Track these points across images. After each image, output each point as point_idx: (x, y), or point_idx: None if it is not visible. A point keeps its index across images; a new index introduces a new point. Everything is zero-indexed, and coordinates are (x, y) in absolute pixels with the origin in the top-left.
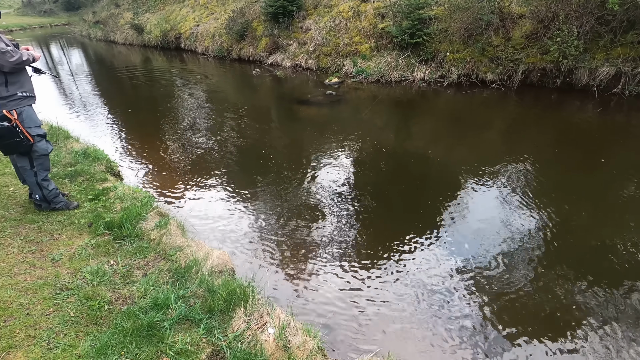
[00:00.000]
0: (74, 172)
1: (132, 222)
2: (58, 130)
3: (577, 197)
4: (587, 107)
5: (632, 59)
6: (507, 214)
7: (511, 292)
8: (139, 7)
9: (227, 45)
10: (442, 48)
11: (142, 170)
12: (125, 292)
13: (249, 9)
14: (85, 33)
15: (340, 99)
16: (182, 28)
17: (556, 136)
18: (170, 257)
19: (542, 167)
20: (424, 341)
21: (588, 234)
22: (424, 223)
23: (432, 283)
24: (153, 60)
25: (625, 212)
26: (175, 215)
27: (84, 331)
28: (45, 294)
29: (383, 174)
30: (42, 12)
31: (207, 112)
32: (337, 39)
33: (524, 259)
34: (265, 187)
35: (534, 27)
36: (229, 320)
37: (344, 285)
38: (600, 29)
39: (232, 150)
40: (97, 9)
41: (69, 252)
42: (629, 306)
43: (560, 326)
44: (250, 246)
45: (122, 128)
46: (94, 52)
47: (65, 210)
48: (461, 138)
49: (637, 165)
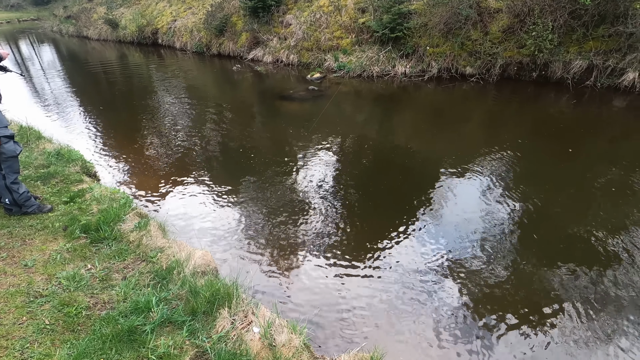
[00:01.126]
0: (46, 174)
1: (110, 224)
2: (29, 130)
3: (553, 187)
4: (562, 99)
5: (603, 52)
6: (487, 205)
7: (493, 282)
8: (113, 1)
9: (206, 40)
10: (422, 42)
11: (120, 170)
12: (103, 296)
13: (227, 3)
14: (57, 28)
15: (323, 94)
16: (159, 23)
17: (533, 128)
18: (150, 259)
19: (520, 158)
20: (409, 333)
21: (564, 221)
22: (406, 216)
23: (416, 276)
24: (129, 56)
25: (598, 199)
26: (155, 216)
27: (60, 339)
28: (17, 302)
29: (366, 168)
30: (9, 7)
31: (186, 109)
32: (318, 34)
33: (505, 248)
34: (248, 185)
35: (510, 22)
36: (213, 321)
37: (329, 281)
38: (573, 22)
39: (213, 147)
40: (69, 3)
41: (43, 258)
42: (606, 289)
43: (541, 315)
44: (234, 245)
45: (98, 127)
46: (67, 49)
47: (38, 214)
48: (442, 131)
49: (607, 155)
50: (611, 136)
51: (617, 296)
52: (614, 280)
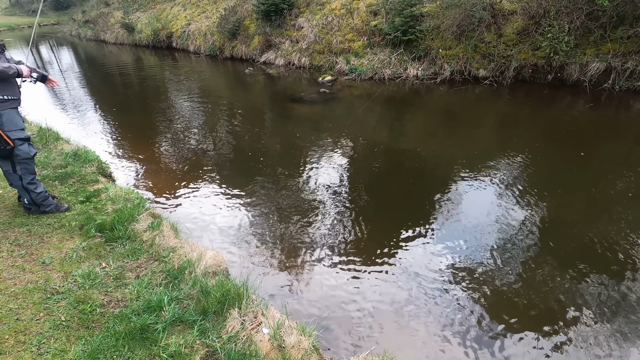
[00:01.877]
0: (64, 174)
1: (124, 224)
2: (48, 131)
3: (567, 191)
4: (579, 102)
5: (622, 54)
6: (500, 209)
7: (505, 286)
8: (129, 5)
9: (219, 43)
10: (434, 45)
11: (134, 171)
12: (117, 294)
13: (240, 7)
14: (75, 33)
15: (334, 97)
16: (173, 27)
17: (547, 132)
18: (163, 259)
19: (534, 163)
20: (419, 337)
21: (579, 227)
22: (418, 220)
23: (427, 279)
24: (144, 59)
25: (614, 205)
26: (168, 216)
27: (75, 335)
28: (35, 298)
29: (377, 171)
30: (31, 12)
31: (200, 111)
32: (330, 37)
33: (517, 253)
34: (259, 186)
35: (525, 23)
36: (223, 321)
37: (339, 283)
38: (591, 24)
39: (225, 149)
40: (87, 8)
41: (60, 256)
42: (620, 297)
43: (553, 319)
44: (244, 246)
45: (114, 128)
46: (84, 52)
47: (56, 213)
48: (454, 135)
49: (625, 160)
50: (629, 140)
51: (632, 303)
52: (628, 287)
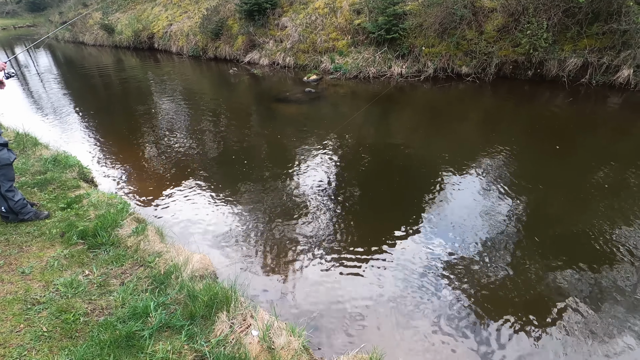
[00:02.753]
0: (43, 181)
1: (108, 230)
2: (25, 137)
3: (550, 184)
4: (558, 97)
5: (598, 50)
6: (486, 203)
7: (494, 281)
8: (108, 6)
9: (202, 44)
10: (417, 43)
11: (117, 176)
12: (101, 302)
13: (223, 7)
14: (53, 35)
15: (320, 96)
16: (154, 27)
17: (529, 127)
18: (148, 264)
19: (517, 158)
20: (409, 334)
21: (562, 219)
22: (405, 217)
23: (415, 276)
24: (126, 61)
25: (596, 197)
26: (153, 221)
27: (58, 346)
28: (15, 309)
29: (364, 169)
30: (4, 14)
31: (183, 113)
32: (314, 36)
33: (504, 246)
34: (246, 188)
35: (505, 20)
36: (212, 325)
37: (328, 282)
38: (567, 21)
39: (210, 151)
40: (64, 9)
41: (40, 264)
42: (607, 287)
43: (543, 312)
44: (232, 248)
45: (95, 132)
46: (63, 54)
47: (35, 221)
48: (439, 131)
49: (605, 153)
50: (607, 133)
51: (617, 293)
52: (614, 278)
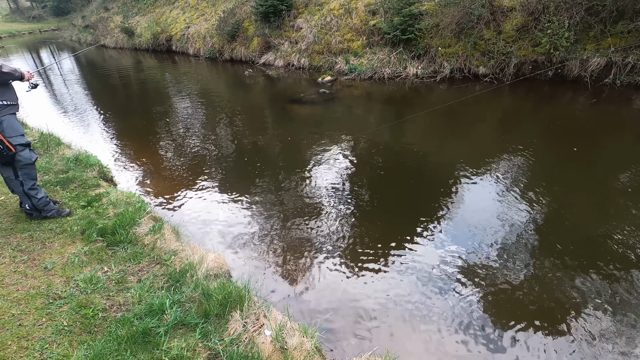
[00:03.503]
0: (65, 179)
1: (126, 228)
2: (49, 137)
3: (571, 188)
4: (580, 98)
5: (622, 49)
6: (503, 207)
7: (510, 285)
8: (129, 10)
9: (218, 46)
10: (434, 43)
11: (136, 175)
12: (119, 299)
13: (239, 9)
14: (75, 38)
15: (334, 97)
16: (172, 30)
17: (549, 128)
18: (164, 262)
19: (536, 160)
20: (423, 337)
21: (582, 223)
22: (421, 219)
23: (430, 278)
24: (145, 63)
25: (616, 201)
26: (169, 220)
27: (78, 340)
28: (37, 303)
29: (379, 171)
30: (31, 18)
31: (200, 114)
32: (329, 37)
33: (521, 251)
34: (261, 188)
35: (524, 20)
36: (225, 323)
37: (342, 284)
38: (590, 19)
39: (226, 152)
40: (87, 13)
41: (62, 261)
42: (624, 292)
43: (560, 317)
44: (246, 248)
45: (115, 132)
46: (85, 57)
47: (57, 218)
48: (455, 133)
49: (629, 156)
50: (632, 136)
51: (637, 301)
52: (634, 285)
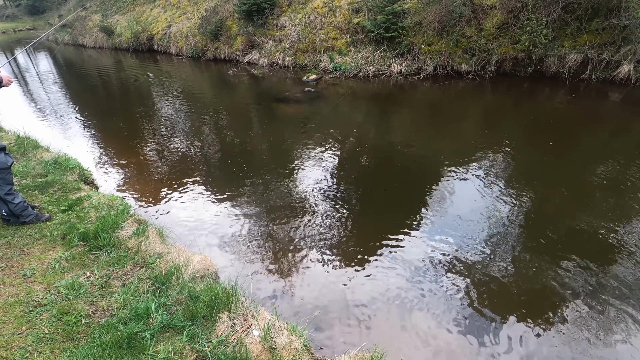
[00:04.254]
0: (44, 183)
1: (109, 232)
2: (26, 140)
3: (551, 181)
4: (558, 94)
5: (598, 46)
6: (487, 201)
7: (496, 279)
8: (107, 8)
9: (201, 45)
10: (417, 41)
11: (118, 177)
12: (103, 304)
13: (222, 8)
14: (52, 37)
15: (319, 95)
16: (154, 29)
17: (530, 123)
18: (149, 265)
19: (518, 155)
20: (411, 333)
21: (562, 215)
22: (406, 216)
23: (417, 275)
24: (125, 62)
25: (595, 192)
26: (154, 222)
27: (60, 348)
28: (16, 312)
29: (365, 168)
30: (4, 17)
31: (184, 114)
32: (313, 35)
33: (505, 243)
34: (246, 188)
35: (504, 17)
36: (213, 325)
37: (329, 281)
38: (567, 17)
39: (211, 152)
40: (64, 12)
41: (42, 267)
42: (608, 282)
43: (547, 310)
44: (233, 248)
45: (96, 134)
46: (63, 57)
47: (36, 224)
48: (439, 129)
49: (608, 149)
50: (609, 129)
51: (619, 289)
52: (615, 274)
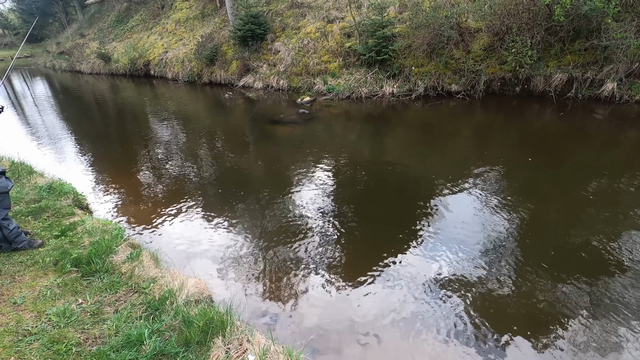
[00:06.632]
0: (37, 209)
1: (102, 257)
2: (20, 165)
3: (543, 197)
4: (546, 111)
5: (581, 65)
6: (482, 218)
7: (496, 295)
8: (105, 36)
9: (197, 69)
10: (407, 63)
11: (113, 202)
12: (94, 331)
13: (217, 34)
14: (50, 64)
15: (313, 117)
16: (150, 55)
17: (520, 141)
18: (143, 290)
19: (510, 171)
20: (409, 354)
21: (558, 231)
22: (403, 235)
23: (415, 294)
24: (122, 88)
25: (589, 208)
26: (148, 246)
27: None
28: (5, 342)
29: (360, 188)
30: (3, 45)
31: (179, 137)
32: (307, 59)
33: (502, 259)
34: (241, 211)
35: (490, 40)
36: (207, 351)
37: (326, 303)
38: (550, 38)
39: (206, 175)
40: (62, 39)
41: (33, 294)
42: (603, 297)
43: (551, 324)
44: (228, 271)
45: (91, 159)
46: (59, 83)
47: (29, 250)
48: (432, 148)
49: (597, 164)
50: (597, 145)
51: (615, 302)
52: (611, 287)
